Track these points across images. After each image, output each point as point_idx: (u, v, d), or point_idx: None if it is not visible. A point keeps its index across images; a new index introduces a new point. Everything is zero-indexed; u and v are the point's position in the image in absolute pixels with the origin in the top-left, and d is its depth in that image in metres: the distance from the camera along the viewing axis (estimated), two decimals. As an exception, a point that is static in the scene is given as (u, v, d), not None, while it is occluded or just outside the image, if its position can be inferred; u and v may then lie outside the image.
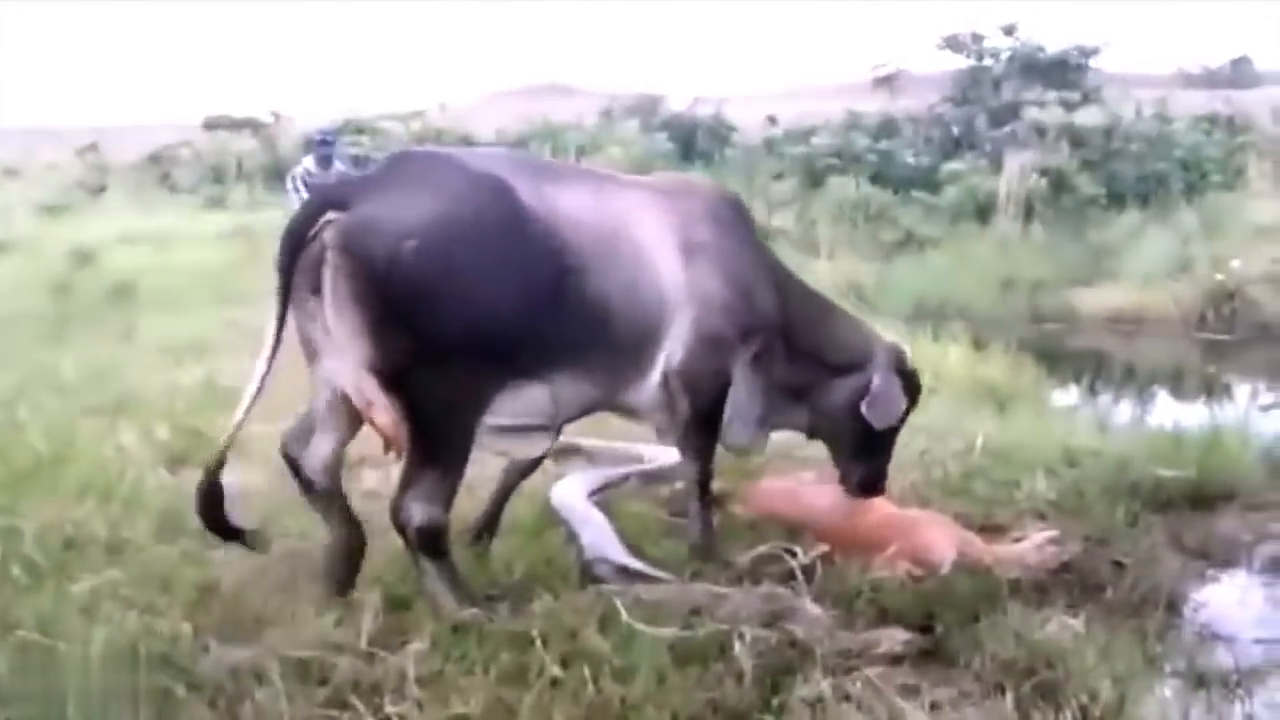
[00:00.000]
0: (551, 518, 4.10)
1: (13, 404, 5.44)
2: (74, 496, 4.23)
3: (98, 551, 3.76)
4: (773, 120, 21.21)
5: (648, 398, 3.72)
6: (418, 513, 3.19)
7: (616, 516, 4.04)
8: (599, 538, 3.82)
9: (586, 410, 3.65)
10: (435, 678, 2.95)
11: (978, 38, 17.94)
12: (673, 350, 3.65)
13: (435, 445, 3.20)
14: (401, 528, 3.23)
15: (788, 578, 3.65)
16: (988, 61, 17.99)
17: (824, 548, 3.78)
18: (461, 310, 3.07)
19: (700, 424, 3.81)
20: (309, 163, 7.52)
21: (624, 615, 3.13)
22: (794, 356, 4.00)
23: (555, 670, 2.95)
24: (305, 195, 7.35)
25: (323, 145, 7.53)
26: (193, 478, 4.49)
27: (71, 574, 3.52)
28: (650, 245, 3.58)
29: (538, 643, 3.04)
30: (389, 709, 2.81)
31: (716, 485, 4.12)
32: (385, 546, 3.64)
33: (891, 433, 4.12)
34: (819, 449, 5.00)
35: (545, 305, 3.22)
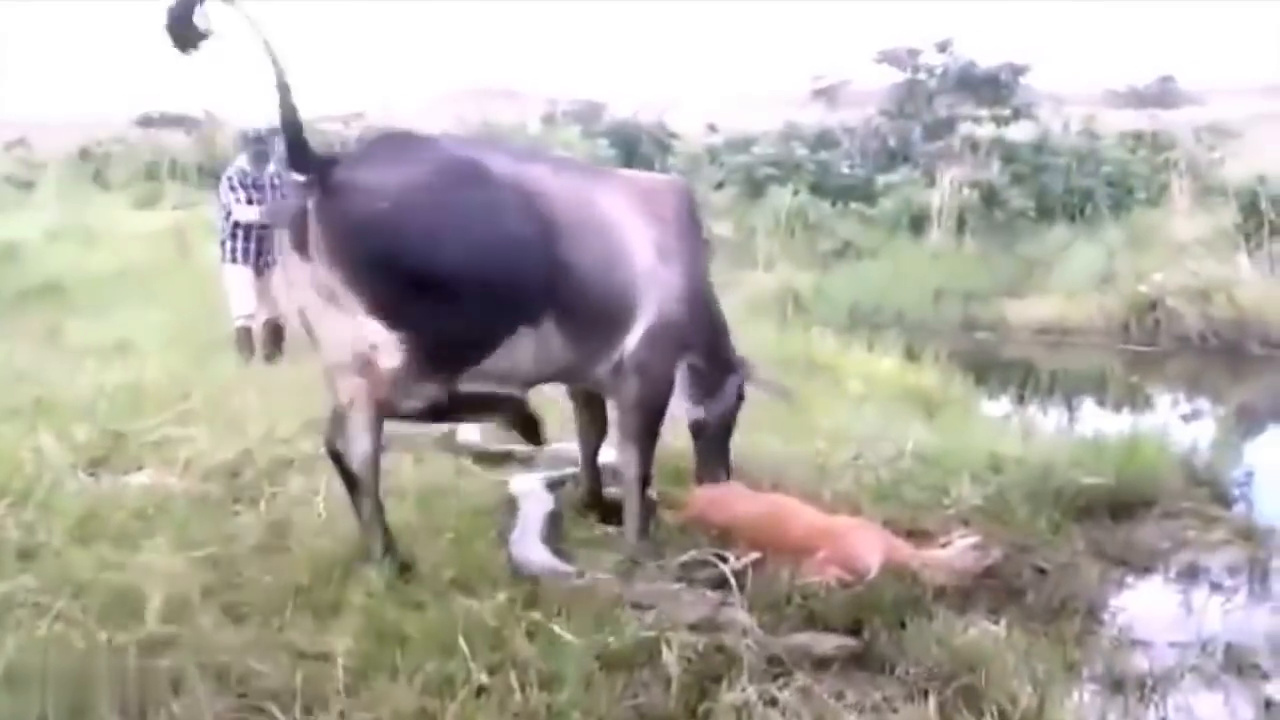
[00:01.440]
0: (480, 523, 4.07)
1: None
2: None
3: (9, 556, 3.64)
4: (713, 128, 21.35)
5: (607, 376, 3.87)
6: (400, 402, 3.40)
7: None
8: (525, 535, 3.85)
9: (560, 373, 3.80)
10: (359, 685, 2.90)
11: (913, 53, 18.25)
12: (634, 334, 3.81)
13: (445, 365, 3.41)
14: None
15: (718, 583, 3.66)
16: (923, 76, 18.29)
17: (755, 554, 3.78)
18: (447, 252, 3.27)
19: (646, 413, 3.95)
20: (243, 161, 7.35)
21: (556, 629, 3.10)
22: (710, 356, 4.27)
23: (482, 678, 2.92)
24: (241, 190, 7.24)
25: (258, 143, 7.37)
26: (112, 482, 4.43)
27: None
28: (623, 230, 3.76)
29: (464, 650, 3.00)
30: (311, 717, 2.76)
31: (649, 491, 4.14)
32: (308, 552, 3.58)
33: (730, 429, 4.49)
34: (751, 454, 5.09)
35: (525, 256, 3.42)
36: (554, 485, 4.50)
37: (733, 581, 3.61)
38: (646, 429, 3.98)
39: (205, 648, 2.99)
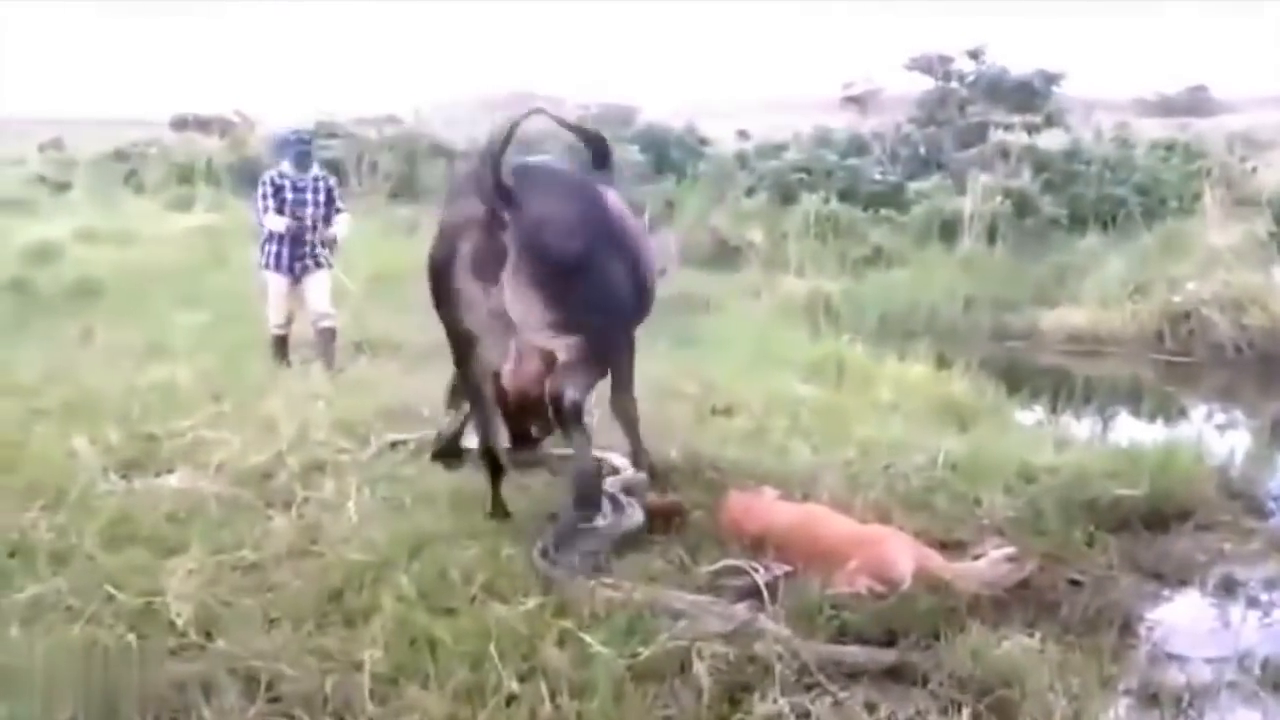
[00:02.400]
0: (511, 529, 4.07)
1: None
2: (21, 502, 4.14)
3: (42, 559, 3.66)
4: (744, 134, 21.30)
5: None
6: (569, 393, 4.04)
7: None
8: (556, 541, 3.83)
9: None
10: (389, 692, 2.90)
11: (945, 60, 18.16)
12: None
13: (601, 362, 4.27)
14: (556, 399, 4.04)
15: (748, 592, 3.64)
16: (954, 84, 18.19)
17: (787, 567, 3.76)
18: (613, 278, 4.12)
19: None
20: (285, 165, 7.30)
21: (586, 638, 3.09)
22: None
23: (512, 686, 2.91)
24: (274, 198, 7.12)
25: (300, 144, 7.37)
26: (144, 485, 4.47)
27: (14, 582, 3.43)
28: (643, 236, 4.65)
29: (495, 658, 2.99)
30: (341, 724, 2.76)
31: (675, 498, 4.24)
32: (341, 560, 3.59)
33: None
34: (780, 465, 5.07)
35: (642, 273, 4.40)
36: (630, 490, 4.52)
37: (764, 591, 3.59)
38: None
39: (236, 653, 3.00)
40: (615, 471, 4.76)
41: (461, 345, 4.17)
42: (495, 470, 4.29)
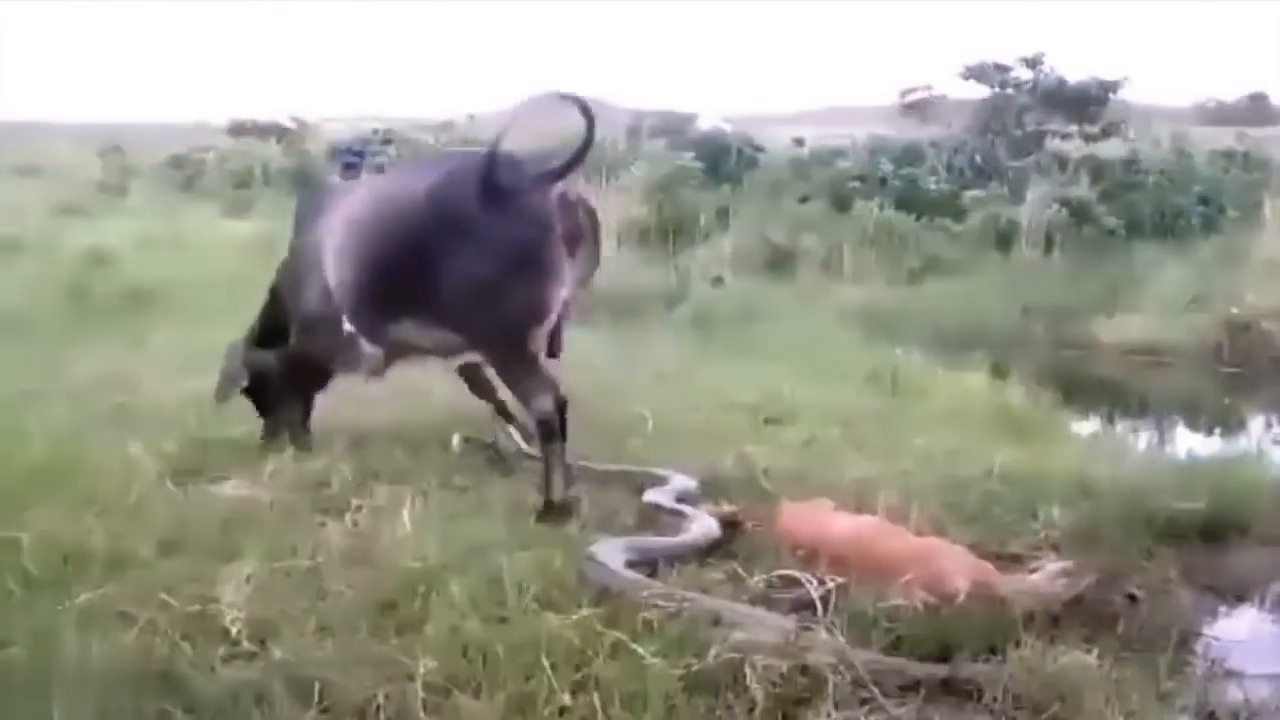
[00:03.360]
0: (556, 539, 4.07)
1: (20, 409, 5.40)
2: (76, 508, 4.19)
3: (97, 565, 3.71)
4: (799, 142, 21.21)
5: None
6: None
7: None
8: (605, 548, 3.80)
9: None
10: (441, 702, 2.89)
11: (1001, 68, 17.98)
12: None
13: None
14: None
15: (802, 605, 3.60)
16: (1011, 92, 18.00)
17: (841, 579, 3.71)
18: None
19: None
20: (334, 177, 7.43)
21: (638, 649, 3.06)
22: None
23: (564, 698, 2.89)
24: None
25: (347, 156, 7.51)
26: (199, 492, 4.52)
27: (69, 588, 3.48)
28: None
29: (547, 668, 2.97)
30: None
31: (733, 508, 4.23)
32: (394, 569, 3.60)
33: None
34: (834, 476, 5.01)
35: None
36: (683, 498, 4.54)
37: (818, 602, 3.54)
38: None
39: (290, 661, 3.01)
40: (663, 481, 4.73)
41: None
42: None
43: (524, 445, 5.30)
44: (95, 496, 4.22)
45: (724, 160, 19.73)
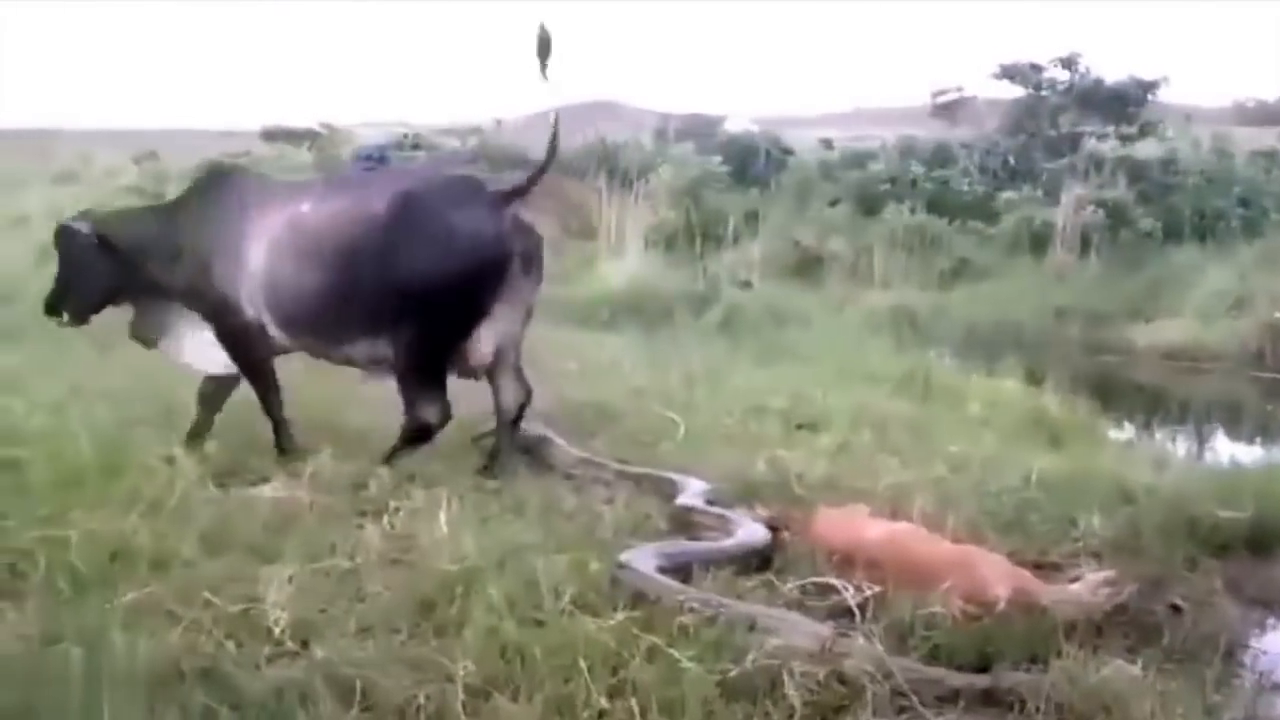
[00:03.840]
0: (597, 541, 4.08)
1: (63, 410, 5.47)
2: (121, 508, 4.25)
3: (143, 564, 3.76)
4: (828, 144, 21.14)
5: None
6: None
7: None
8: (638, 553, 3.83)
9: None
10: (481, 705, 2.91)
11: (1036, 68, 17.83)
12: None
13: None
14: None
15: (837, 612, 3.59)
16: (1045, 92, 17.85)
17: (878, 586, 3.69)
18: None
19: None
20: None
21: (674, 654, 3.07)
22: None
23: (602, 702, 2.90)
24: None
25: (366, 162, 7.65)
26: (240, 493, 4.57)
27: (116, 586, 3.53)
28: None
29: (584, 673, 2.99)
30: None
31: (771, 513, 4.25)
32: (431, 570, 3.62)
33: None
34: (868, 482, 5.00)
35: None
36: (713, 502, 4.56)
37: (855, 609, 3.53)
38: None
39: (332, 660, 3.04)
40: (677, 487, 4.73)
41: None
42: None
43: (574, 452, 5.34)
44: (138, 497, 4.28)
45: (752, 163, 19.69)
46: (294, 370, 5.56)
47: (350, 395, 6.08)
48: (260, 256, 4.99)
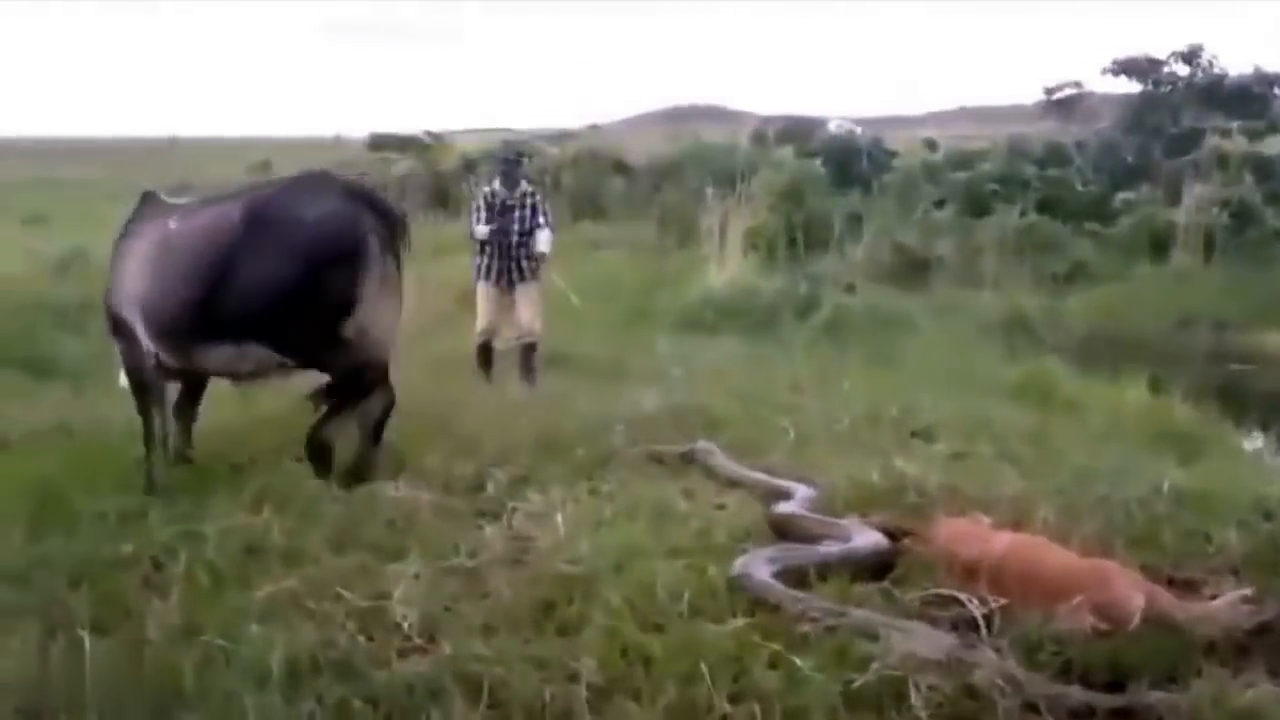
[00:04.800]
0: (712, 546, 4.06)
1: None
2: (253, 505, 4.40)
3: (275, 560, 3.88)
4: (931, 145, 20.77)
5: None
6: None
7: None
8: (753, 559, 3.79)
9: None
10: (605, 705, 2.92)
11: (1155, 63, 17.22)
12: None
13: None
14: None
15: (959, 624, 3.50)
16: (1165, 88, 17.24)
17: (1003, 600, 3.59)
18: None
19: None
20: (496, 183, 7.73)
21: (797, 662, 3.04)
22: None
23: (725, 707, 2.89)
24: (485, 212, 7.56)
25: (505, 164, 7.85)
26: (363, 493, 4.67)
27: (251, 581, 3.65)
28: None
29: (706, 678, 2.98)
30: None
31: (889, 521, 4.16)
32: (551, 572, 3.66)
33: None
34: (987, 492, 4.87)
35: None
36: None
37: (980, 622, 3.44)
38: None
39: (460, 657, 3.09)
40: (787, 495, 4.67)
41: None
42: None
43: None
44: (268, 494, 4.42)
45: (854, 164, 19.43)
46: (411, 373, 5.65)
47: (463, 401, 6.19)
48: (134, 274, 5.12)
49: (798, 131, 22.94)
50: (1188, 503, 4.72)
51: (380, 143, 28.84)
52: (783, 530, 4.33)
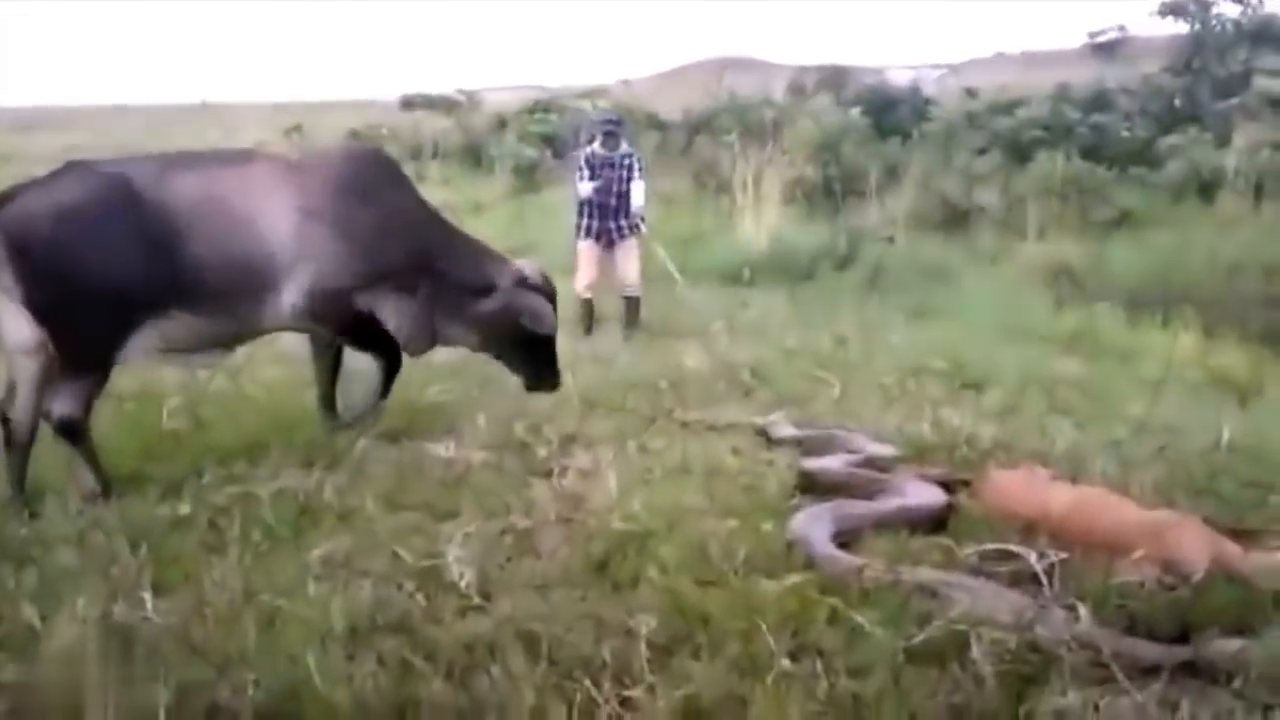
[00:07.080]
0: (764, 504, 4.04)
1: (237, 374, 5.70)
2: (304, 463, 4.42)
3: (329, 519, 3.90)
4: (971, 93, 20.36)
5: (278, 324, 4.64)
6: (58, 408, 4.14)
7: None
8: (810, 518, 3.76)
9: (222, 338, 4.56)
10: (665, 661, 2.91)
11: (1202, 3, 16.74)
12: (295, 294, 4.50)
13: (74, 362, 4.15)
14: (47, 418, 4.17)
15: (1020, 578, 3.46)
16: (1213, 28, 16.77)
17: (1064, 554, 3.53)
18: (84, 269, 4.09)
19: (357, 339, 4.86)
20: (596, 145, 7.99)
21: (858, 618, 3.01)
22: (441, 284, 4.86)
23: (785, 663, 2.87)
24: (587, 171, 7.85)
25: (605, 125, 8.08)
26: (412, 450, 4.68)
27: (307, 541, 3.67)
28: (256, 213, 4.44)
29: (766, 633, 2.95)
30: (626, 691, 2.78)
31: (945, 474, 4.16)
32: (604, 529, 3.64)
33: (550, 338, 5.05)
34: (1041, 444, 4.80)
35: (150, 265, 4.20)
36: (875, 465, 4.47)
37: (1042, 576, 3.39)
38: (371, 344, 4.88)
39: (518, 615, 3.09)
40: (858, 451, 4.62)
41: None
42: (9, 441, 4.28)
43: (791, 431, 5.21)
44: (321, 452, 4.43)
45: (892, 114, 19.09)
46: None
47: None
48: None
49: (834, 81, 22.53)
50: (1248, 453, 4.65)
51: (412, 102, 28.78)
52: (828, 486, 4.29)
